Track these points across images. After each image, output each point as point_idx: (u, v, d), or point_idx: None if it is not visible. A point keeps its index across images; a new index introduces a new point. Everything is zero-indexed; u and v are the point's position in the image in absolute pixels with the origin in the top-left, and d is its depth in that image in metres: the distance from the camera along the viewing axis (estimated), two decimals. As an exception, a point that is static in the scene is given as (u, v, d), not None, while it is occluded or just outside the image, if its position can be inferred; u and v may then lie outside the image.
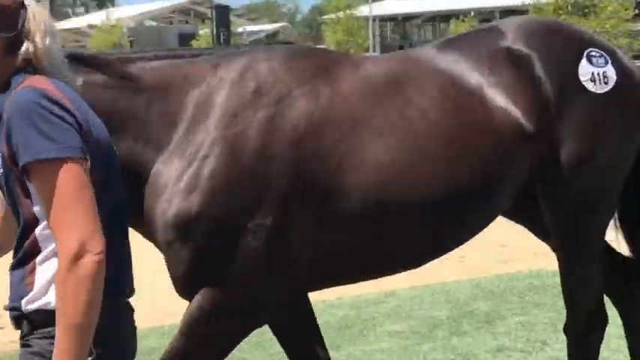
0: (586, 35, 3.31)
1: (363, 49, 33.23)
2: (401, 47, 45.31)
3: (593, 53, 3.15)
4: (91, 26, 42.06)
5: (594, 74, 3.11)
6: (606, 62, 3.15)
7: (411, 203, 2.77)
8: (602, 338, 3.41)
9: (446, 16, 45.64)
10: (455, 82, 2.96)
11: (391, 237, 2.79)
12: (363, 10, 39.60)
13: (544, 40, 3.16)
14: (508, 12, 45.40)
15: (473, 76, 2.99)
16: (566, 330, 3.41)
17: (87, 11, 59.61)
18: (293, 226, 2.64)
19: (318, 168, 2.67)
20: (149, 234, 2.67)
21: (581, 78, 3.10)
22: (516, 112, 2.96)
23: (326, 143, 2.70)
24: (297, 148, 2.66)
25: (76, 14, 58.51)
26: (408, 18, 48.84)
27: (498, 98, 2.97)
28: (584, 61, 3.12)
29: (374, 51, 38.20)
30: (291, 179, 2.63)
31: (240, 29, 44.64)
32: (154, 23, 49.98)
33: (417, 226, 2.83)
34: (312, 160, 2.67)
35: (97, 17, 44.59)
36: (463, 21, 36.69)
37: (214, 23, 30.03)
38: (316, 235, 2.68)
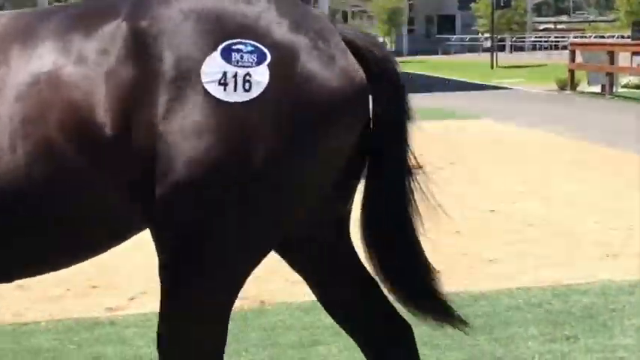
0: (245, 18, 2.39)
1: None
2: None
3: (239, 47, 2.34)
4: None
5: (228, 75, 2.31)
6: (259, 61, 2.33)
7: None
8: None
9: None
10: (30, 64, 2.40)
11: None
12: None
13: (180, 20, 2.39)
14: None
15: (57, 58, 2.39)
16: None
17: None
18: None
19: None
20: None
21: (204, 78, 2.32)
22: (97, 116, 2.32)
23: None
24: None
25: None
26: None
27: (78, 95, 2.34)
28: (215, 55, 2.33)
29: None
30: None
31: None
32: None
33: None
34: None
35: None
36: None
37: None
38: None
